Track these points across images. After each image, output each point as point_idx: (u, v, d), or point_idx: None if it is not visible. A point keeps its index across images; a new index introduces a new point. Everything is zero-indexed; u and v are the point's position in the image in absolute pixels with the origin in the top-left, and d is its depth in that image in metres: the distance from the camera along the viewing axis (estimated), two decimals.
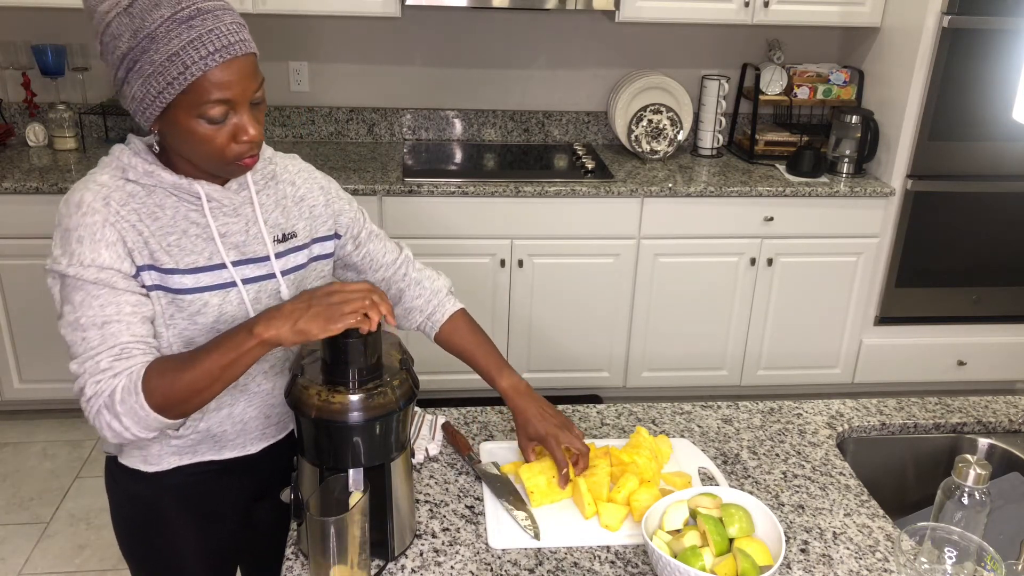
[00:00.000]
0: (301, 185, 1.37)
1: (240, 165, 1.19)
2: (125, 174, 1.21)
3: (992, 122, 3.14)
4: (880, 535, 1.35)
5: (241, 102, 1.14)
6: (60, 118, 3.17)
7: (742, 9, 3.13)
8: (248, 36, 1.15)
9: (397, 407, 1.18)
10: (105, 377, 1.15)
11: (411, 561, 1.26)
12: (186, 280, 1.22)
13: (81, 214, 1.17)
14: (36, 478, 2.90)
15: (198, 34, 1.09)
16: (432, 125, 3.55)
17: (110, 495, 1.44)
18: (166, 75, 1.10)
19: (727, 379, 3.41)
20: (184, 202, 1.23)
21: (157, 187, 1.21)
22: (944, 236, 3.29)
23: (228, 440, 1.37)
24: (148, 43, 1.09)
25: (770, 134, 3.43)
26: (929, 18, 3.00)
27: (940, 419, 1.69)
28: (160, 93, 1.11)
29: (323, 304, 1.10)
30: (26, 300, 2.98)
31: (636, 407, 1.69)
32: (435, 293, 1.50)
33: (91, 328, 1.16)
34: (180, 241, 1.22)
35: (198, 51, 1.09)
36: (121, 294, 1.17)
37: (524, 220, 3.06)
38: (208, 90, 1.11)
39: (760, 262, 3.22)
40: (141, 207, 1.20)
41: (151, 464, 1.35)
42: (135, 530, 1.43)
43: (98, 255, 1.16)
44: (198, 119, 1.13)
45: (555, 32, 3.46)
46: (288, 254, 1.33)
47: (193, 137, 1.14)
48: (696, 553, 1.18)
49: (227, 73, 1.11)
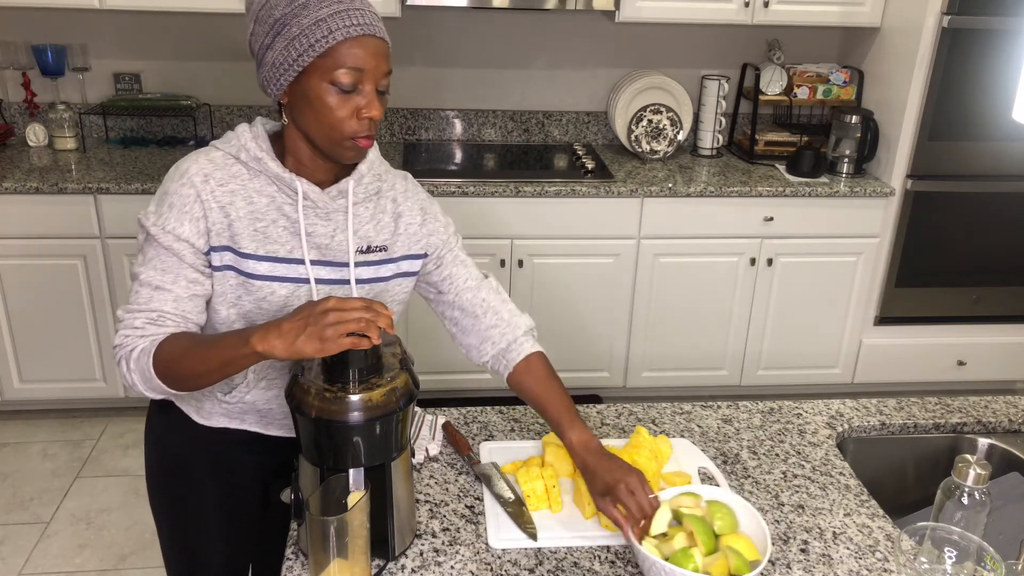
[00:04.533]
0: (402, 203, 1.40)
1: (356, 143, 1.24)
2: (238, 153, 1.28)
3: (992, 122, 3.14)
4: (880, 535, 1.35)
5: (371, 78, 1.21)
6: (60, 118, 3.17)
7: (742, 9, 3.13)
8: (384, 28, 1.25)
9: (397, 407, 1.18)
10: (134, 335, 1.23)
11: (411, 561, 1.26)
12: (260, 267, 1.28)
13: (180, 183, 1.25)
14: (36, 478, 2.90)
15: (345, 8, 1.19)
16: (432, 125, 3.55)
17: (148, 449, 1.49)
18: (311, 37, 1.18)
19: (727, 379, 3.41)
20: (282, 194, 1.28)
21: (261, 173, 1.28)
22: (944, 236, 3.29)
23: (275, 418, 1.42)
24: (301, 9, 1.19)
25: (770, 134, 3.44)
26: (929, 18, 3.00)
27: (940, 419, 1.69)
28: (301, 55, 1.19)
29: (319, 325, 1.09)
30: (26, 300, 2.98)
31: (636, 407, 1.69)
32: (514, 328, 1.44)
33: (146, 286, 1.25)
34: (267, 229, 1.28)
35: (343, 20, 1.19)
36: (185, 267, 1.25)
37: (524, 220, 3.06)
38: (344, 57, 1.19)
39: (760, 262, 3.22)
40: (240, 189, 1.27)
41: (203, 417, 1.42)
42: (166, 479, 1.48)
43: (181, 224, 1.24)
44: (329, 85, 1.20)
45: (555, 32, 3.47)
46: (370, 265, 1.36)
47: (320, 104, 1.21)
48: (687, 554, 1.18)
49: (363, 47, 1.20)
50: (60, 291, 2.98)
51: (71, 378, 3.11)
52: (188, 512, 1.48)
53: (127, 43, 3.31)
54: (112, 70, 3.35)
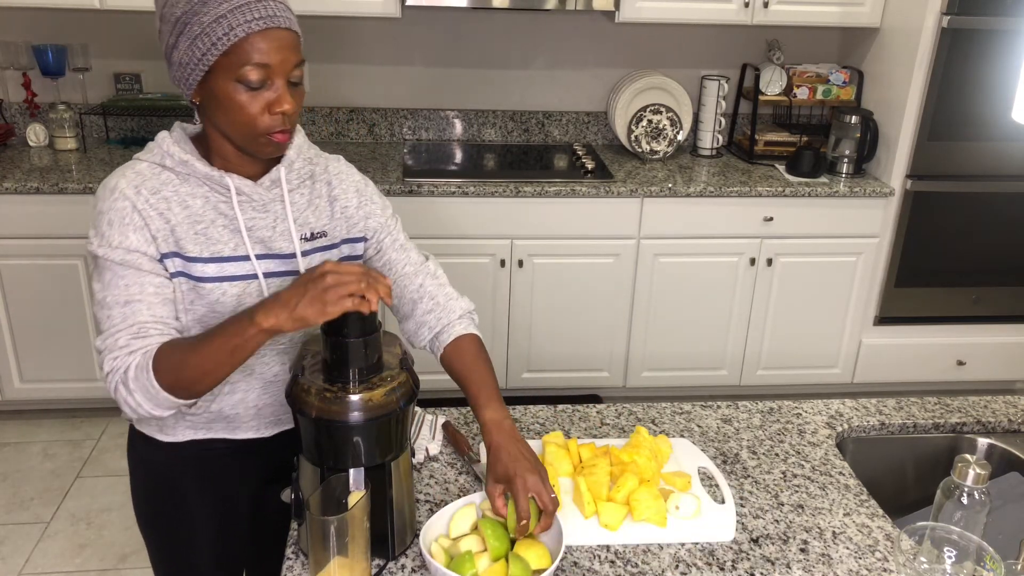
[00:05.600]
0: (336, 186, 1.39)
1: (271, 139, 1.22)
2: (163, 160, 1.26)
3: (992, 122, 3.14)
4: (880, 535, 1.35)
5: (279, 72, 1.19)
6: (60, 118, 3.17)
7: (742, 9, 3.13)
8: (294, 18, 1.22)
9: (397, 407, 1.18)
10: (122, 354, 1.19)
11: (411, 561, 1.26)
12: (208, 268, 1.26)
13: (113, 199, 1.23)
14: (36, 478, 2.90)
15: (246, 2, 1.16)
16: (432, 125, 3.55)
17: (131, 466, 1.47)
18: (212, 36, 1.15)
19: (727, 379, 3.41)
20: (215, 193, 1.27)
21: (191, 176, 1.26)
22: (944, 236, 3.29)
23: (242, 422, 1.40)
24: (200, 6, 1.16)
25: (770, 134, 3.44)
26: (929, 18, 3.00)
27: (939, 419, 1.69)
28: (205, 54, 1.16)
29: (318, 288, 1.09)
30: (26, 300, 2.98)
31: (636, 407, 1.69)
32: (448, 312, 1.44)
33: (115, 306, 1.21)
34: (207, 230, 1.26)
35: (244, 15, 1.15)
36: (145, 275, 1.23)
37: (524, 220, 3.06)
38: (248, 53, 1.16)
39: (760, 262, 3.22)
40: (173, 195, 1.25)
41: (166, 434, 1.39)
42: (151, 499, 1.46)
43: (126, 238, 1.22)
44: (236, 83, 1.17)
45: (555, 32, 3.47)
46: (316, 252, 1.35)
47: (230, 103, 1.19)
48: (469, 559, 1.16)
49: (268, 41, 1.17)
50: (60, 291, 2.98)
51: (71, 378, 3.11)
52: (178, 527, 1.46)
53: (127, 43, 3.31)
54: (112, 70, 3.35)
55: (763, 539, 1.33)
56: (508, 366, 3.26)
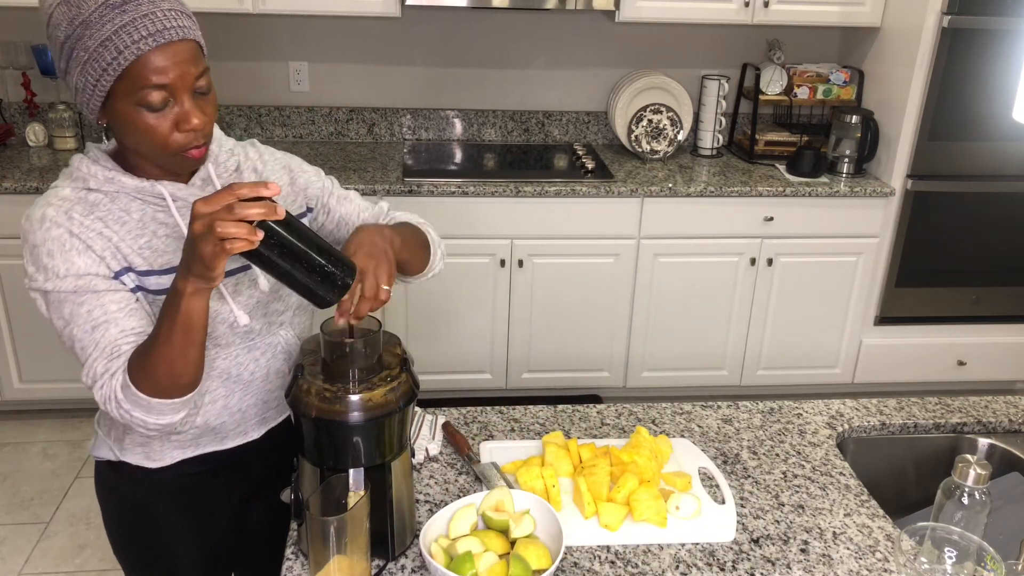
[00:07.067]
0: (263, 170, 1.35)
1: (187, 156, 1.16)
2: (86, 183, 1.19)
3: (992, 122, 3.14)
4: (880, 535, 1.35)
5: (181, 88, 1.11)
6: (60, 118, 3.17)
7: (742, 9, 3.13)
8: (188, 23, 1.13)
9: (397, 407, 1.18)
10: (105, 380, 1.15)
11: (411, 561, 1.26)
12: (163, 280, 1.21)
13: (45, 229, 1.16)
14: (36, 478, 2.90)
15: (131, 18, 1.07)
16: (432, 125, 3.55)
17: (102, 501, 1.43)
18: (100, 61, 1.08)
19: (727, 379, 3.41)
20: (150, 204, 1.22)
21: (120, 192, 1.20)
22: (944, 236, 3.29)
23: (229, 430, 1.38)
24: (83, 30, 1.07)
25: (770, 134, 3.43)
26: (929, 18, 3.00)
27: (940, 419, 1.69)
28: (98, 81, 1.09)
29: (196, 245, 1.00)
30: (26, 300, 2.98)
31: (636, 407, 1.69)
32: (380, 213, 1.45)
33: (84, 336, 1.16)
34: (151, 243, 1.21)
35: (131, 35, 1.07)
36: (103, 295, 1.16)
37: (524, 220, 3.06)
38: (144, 75, 1.08)
39: (760, 262, 3.22)
40: (107, 215, 1.19)
41: (154, 460, 1.35)
42: (130, 534, 1.43)
43: (72, 264, 1.15)
44: (137, 107, 1.10)
45: (555, 32, 3.46)
46: None
47: (136, 128, 1.12)
48: (469, 559, 1.16)
49: (163, 58, 1.09)
50: None
51: (71, 378, 3.11)
52: (159, 552, 1.42)
53: None
54: None
55: (763, 539, 1.33)
56: (508, 366, 3.26)
